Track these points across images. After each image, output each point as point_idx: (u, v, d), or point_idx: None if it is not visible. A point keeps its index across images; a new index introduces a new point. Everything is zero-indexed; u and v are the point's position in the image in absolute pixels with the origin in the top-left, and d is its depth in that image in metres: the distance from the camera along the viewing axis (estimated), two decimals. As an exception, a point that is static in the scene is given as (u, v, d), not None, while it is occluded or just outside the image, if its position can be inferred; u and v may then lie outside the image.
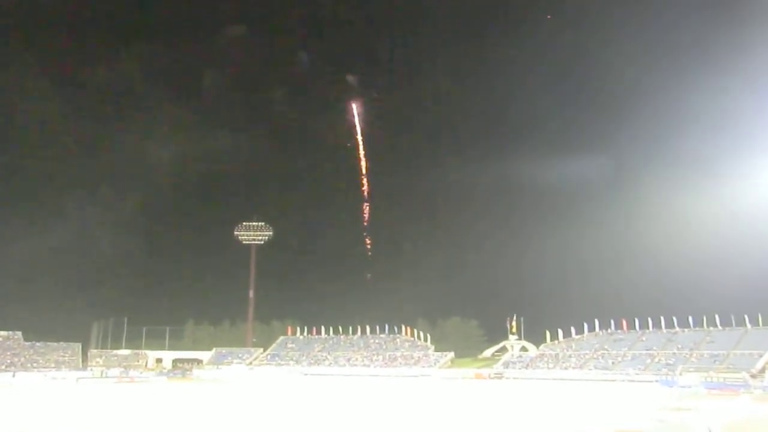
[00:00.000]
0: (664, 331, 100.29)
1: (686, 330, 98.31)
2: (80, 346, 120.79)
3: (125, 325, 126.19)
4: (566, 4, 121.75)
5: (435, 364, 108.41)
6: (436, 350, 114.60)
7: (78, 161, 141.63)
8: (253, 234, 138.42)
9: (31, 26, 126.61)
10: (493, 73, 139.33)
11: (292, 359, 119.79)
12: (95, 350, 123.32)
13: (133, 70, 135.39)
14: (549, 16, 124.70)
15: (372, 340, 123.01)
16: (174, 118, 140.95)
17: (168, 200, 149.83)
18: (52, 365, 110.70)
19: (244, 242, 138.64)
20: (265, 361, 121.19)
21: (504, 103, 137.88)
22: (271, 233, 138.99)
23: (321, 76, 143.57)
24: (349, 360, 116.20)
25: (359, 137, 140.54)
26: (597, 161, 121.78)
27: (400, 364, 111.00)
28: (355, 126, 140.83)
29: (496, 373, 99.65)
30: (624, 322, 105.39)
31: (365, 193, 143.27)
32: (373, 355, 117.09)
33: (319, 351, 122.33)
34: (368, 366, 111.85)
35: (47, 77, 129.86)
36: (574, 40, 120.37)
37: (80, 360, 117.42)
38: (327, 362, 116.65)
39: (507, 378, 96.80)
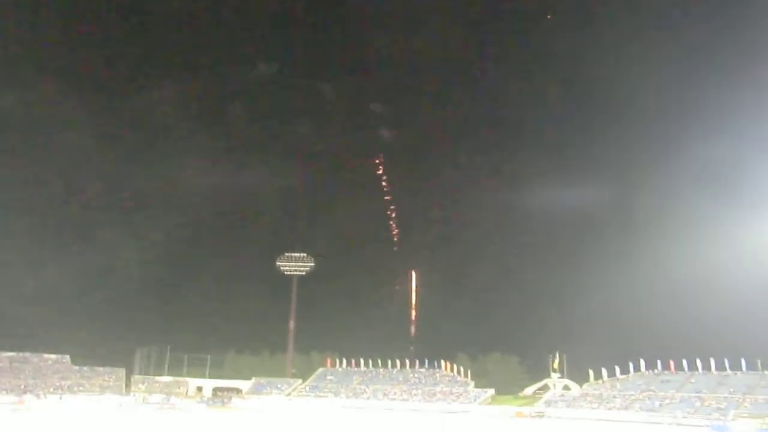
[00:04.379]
0: (715, 373, 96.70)
1: (738, 373, 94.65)
2: (124, 372, 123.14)
3: (168, 353, 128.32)
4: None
5: (475, 400, 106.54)
6: (476, 386, 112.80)
7: (123, 190, 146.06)
8: (295, 265, 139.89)
9: (68, 55, 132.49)
10: (532, 96, 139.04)
11: (330, 391, 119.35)
12: (138, 376, 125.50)
13: (173, 100, 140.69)
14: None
15: (411, 375, 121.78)
16: (218, 149, 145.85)
17: (213, 230, 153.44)
18: (97, 390, 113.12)
19: (285, 273, 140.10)
20: (304, 393, 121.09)
21: (549, 131, 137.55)
22: (312, 264, 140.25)
23: (350, 107, 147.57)
24: (387, 394, 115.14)
25: (382, 173, 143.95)
26: (642, 195, 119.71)
27: (440, 399, 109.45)
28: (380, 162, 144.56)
29: (537, 412, 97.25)
30: (671, 363, 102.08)
31: (394, 226, 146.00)
32: (413, 389, 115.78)
33: (358, 384, 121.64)
34: (407, 400, 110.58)
35: (87, 107, 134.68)
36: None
37: (123, 385, 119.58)
38: (366, 395, 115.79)
39: (549, 417, 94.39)
